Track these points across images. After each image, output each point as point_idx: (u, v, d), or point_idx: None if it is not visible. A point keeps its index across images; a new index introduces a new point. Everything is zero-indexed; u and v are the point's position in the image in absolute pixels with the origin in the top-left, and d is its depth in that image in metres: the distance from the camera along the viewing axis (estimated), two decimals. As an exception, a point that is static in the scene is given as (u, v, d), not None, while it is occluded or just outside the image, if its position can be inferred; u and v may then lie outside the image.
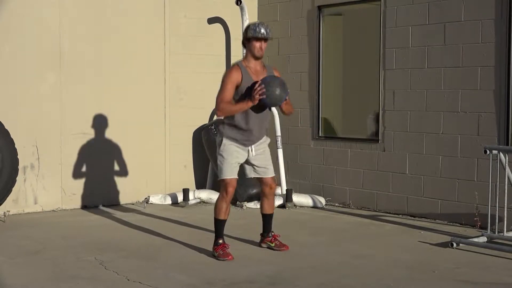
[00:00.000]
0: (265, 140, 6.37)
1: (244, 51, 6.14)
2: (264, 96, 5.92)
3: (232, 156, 6.15)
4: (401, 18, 8.17)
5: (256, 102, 5.94)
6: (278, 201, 8.82)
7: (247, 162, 6.29)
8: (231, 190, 6.14)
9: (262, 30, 6.05)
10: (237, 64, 6.13)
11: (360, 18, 9.06)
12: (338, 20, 9.36)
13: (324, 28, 9.20)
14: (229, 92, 6.02)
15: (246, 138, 6.15)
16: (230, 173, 6.15)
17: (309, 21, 9.26)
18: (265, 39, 6.09)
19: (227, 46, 9.81)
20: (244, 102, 5.99)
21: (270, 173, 6.41)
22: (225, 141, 6.16)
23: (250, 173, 6.39)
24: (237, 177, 6.22)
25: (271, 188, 6.42)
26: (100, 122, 8.75)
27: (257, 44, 6.07)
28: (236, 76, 6.03)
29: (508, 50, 7.25)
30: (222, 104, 6.00)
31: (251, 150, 6.21)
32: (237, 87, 6.05)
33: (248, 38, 6.09)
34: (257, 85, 5.94)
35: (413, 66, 8.07)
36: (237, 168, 6.23)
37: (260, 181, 6.45)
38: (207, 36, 9.64)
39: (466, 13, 7.56)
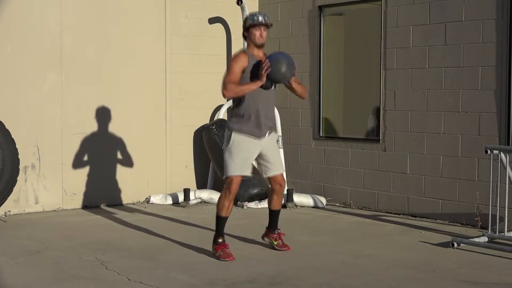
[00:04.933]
0: (274, 135, 6.37)
1: (245, 47, 6.10)
2: (270, 71, 5.92)
3: (242, 153, 6.10)
4: (402, 18, 8.17)
5: (264, 79, 5.94)
6: (279, 201, 8.82)
7: (259, 157, 6.26)
8: (235, 187, 6.10)
9: (260, 18, 6.10)
10: (244, 51, 6.18)
11: (361, 18, 9.06)
12: (339, 20, 9.36)
13: (325, 28, 9.20)
14: (236, 74, 6.03)
15: (256, 128, 6.11)
16: (235, 170, 6.09)
17: (310, 21, 9.27)
18: (264, 26, 6.12)
19: (228, 46, 9.81)
20: (252, 82, 5.99)
21: (281, 169, 6.39)
22: (234, 135, 6.11)
23: (262, 171, 6.40)
24: (244, 174, 6.17)
25: (281, 186, 6.39)
26: (101, 122, 8.75)
27: (256, 32, 6.11)
28: (243, 60, 6.06)
29: (509, 50, 7.25)
30: (229, 85, 5.99)
31: (263, 139, 6.17)
32: (243, 72, 6.06)
33: (247, 28, 6.14)
34: (263, 61, 5.97)
35: (414, 66, 8.07)
36: (247, 166, 6.17)
37: (270, 179, 6.40)
38: (208, 36, 9.64)
39: (467, 13, 7.56)
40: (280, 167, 6.40)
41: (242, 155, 6.12)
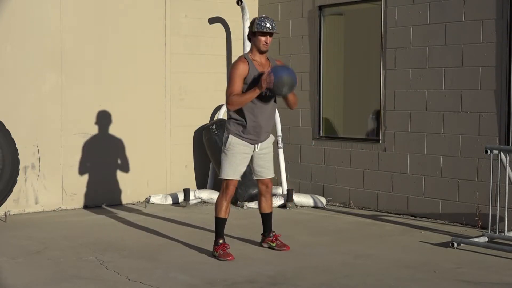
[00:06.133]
0: (271, 140, 6.39)
1: (245, 47, 6.11)
2: (271, 86, 5.92)
3: (236, 158, 6.15)
4: (402, 18, 8.17)
5: (263, 89, 5.92)
6: (279, 201, 8.83)
7: (251, 161, 6.30)
8: (231, 188, 6.17)
9: (268, 25, 6.08)
10: (244, 56, 6.17)
11: (361, 18, 9.06)
12: (339, 20, 9.36)
13: (325, 28, 9.20)
14: (238, 85, 6.04)
15: (253, 136, 6.15)
16: (232, 174, 6.16)
17: (310, 21, 9.27)
18: (270, 34, 6.12)
19: (228, 46, 9.81)
20: (252, 90, 5.97)
21: (270, 174, 6.43)
22: (231, 138, 6.15)
23: (253, 172, 6.43)
24: (239, 178, 6.23)
25: (268, 187, 6.45)
26: (100, 122, 8.75)
27: (262, 38, 6.10)
28: (243, 68, 6.06)
29: (509, 50, 7.25)
30: (231, 97, 6.01)
31: (257, 147, 6.22)
32: (244, 80, 6.08)
33: (254, 32, 6.12)
34: (266, 73, 5.93)
35: (414, 66, 8.07)
36: (242, 170, 6.22)
37: (258, 181, 6.46)
38: (208, 36, 9.64)
39: (467, 13, 7.56)
40: (271, 172, 6.44)
41: (237, 158, 6.16)
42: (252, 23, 6.14)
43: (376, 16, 8.46)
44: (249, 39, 6.23)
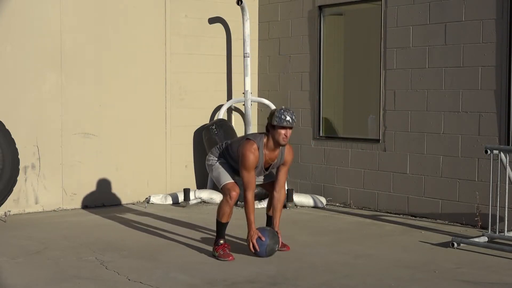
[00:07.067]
0: None
1: (245, 47, 5.90)
2: (254, 249, 6.12)
3: (225, 167, 6.23)
4: (402, 18, 8.17)
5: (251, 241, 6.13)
6: (279, 201, 8.82)
7: None
8: (234, 194, 6.11)
9: (288, 118, 5.96)
10: (258, 147, 6.04)
11: (361, 18, 9.06)
12: (339, 20, 9.36)
13: (325, 28, 9.20)
14: (253, 176, 6.05)
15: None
16: (228, 177, 6.18)
17: (310, 21, 9.26)
18: (290, 127, 6.03)
19: (228, 46, 9.81)
20: (250, 225, 6.13)
21: (272, 179, 6.43)
22: (217, 161, 6.29)
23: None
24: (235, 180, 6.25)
25: (272, 187, 6.43)
26: (101, 122, 8.75)
27: (282, 132, 5.98)
28: (254, 161, 5.98)
29: (509, 50, 7.25)
30: (249, 196, 6.05)
31: None
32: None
33: (273, 125, 6.01)
34: (251, 244, 6.09)
35: (414, 66, 8.07)
36: (234, 173, 6.26)
37: (266, 187, 6.48)
38: (208, 36, 9.64)
39: (467, 13, 7.56)
40: (269, 177, 6.43)
41: (226, 166, 6.24)
42: (272, 115, 6.02)
43: (376, 16, 8.46)
44: (267, 130, 6.11)
